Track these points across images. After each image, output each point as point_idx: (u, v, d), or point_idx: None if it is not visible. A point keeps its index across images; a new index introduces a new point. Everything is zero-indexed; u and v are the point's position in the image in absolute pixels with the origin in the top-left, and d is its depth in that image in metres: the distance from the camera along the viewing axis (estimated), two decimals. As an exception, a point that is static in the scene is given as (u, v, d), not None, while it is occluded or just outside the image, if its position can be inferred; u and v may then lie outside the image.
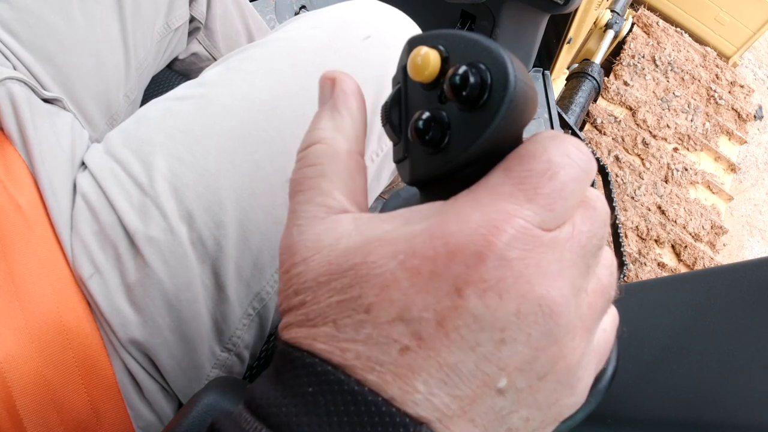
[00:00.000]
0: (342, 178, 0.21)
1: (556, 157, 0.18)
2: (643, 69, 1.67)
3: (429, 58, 0.20)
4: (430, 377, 0.16)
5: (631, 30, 1.71)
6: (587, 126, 1.57)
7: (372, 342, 0.17)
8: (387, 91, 0.38)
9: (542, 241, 0.17)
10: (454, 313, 0.16)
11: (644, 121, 1.57)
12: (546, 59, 1.25)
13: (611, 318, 0.21)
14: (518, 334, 0.16)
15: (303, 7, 1.14)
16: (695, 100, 1.65)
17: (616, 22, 1.53)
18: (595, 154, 1.38)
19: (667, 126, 1.58)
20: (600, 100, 1.59)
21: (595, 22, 1.52)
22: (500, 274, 0.16)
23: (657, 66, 1.68)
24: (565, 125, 1.26)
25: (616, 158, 1.51)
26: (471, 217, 0.17)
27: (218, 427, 0.18)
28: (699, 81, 1.68)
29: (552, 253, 0.17)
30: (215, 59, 0.68)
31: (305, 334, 0.18)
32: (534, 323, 0.16)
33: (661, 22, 1.77)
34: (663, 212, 1.46)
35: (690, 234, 1.44)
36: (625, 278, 1.28)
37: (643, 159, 1.53)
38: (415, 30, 0.46)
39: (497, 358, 0.16)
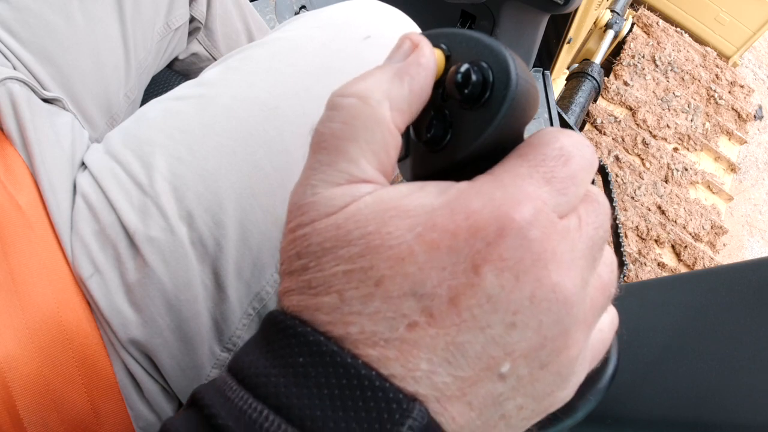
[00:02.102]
0: (374, 149, 0.18)
1: (568, 145, 0.18)
2: (643, 69, 1.66)
3: None
4: (434, 355, 0.16)
5: (631, 30, 1.71)
6: (587, 126, 1.56)
7: (379, 316, 0.16)
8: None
9: (556, 228, 0.17)
10: (468, 291, 0.16)
11: (644, 121, 1.57)
12: (546, 59, 1.25)
13: (610, 318, 0.21)
14: (530, 320, 0.16)
15: (303, 7, 1.14)
16: (695, 100, 1.65)
17: (616, 22, 1.53)
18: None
19: (667, 126, 1.58)
20: (600, 100, 1.59)
21: (595, 22, 1.51)
22: (519, 255, 0.16)
23: (657, 66, 1.68)
24: (565, 125, 1.26)
25: (616, 158, 1.51)
26: (494, 195, 0.17)
27: (200, 396, 0.17)
28: (699, 81, 1.68)
29: (565, 241, 0.17)
30: (215, 59, 0.68)
31: (307, 303, 0.17)
32: (547, 310, 0.16)
33: (661, 22, 1.77)
34: (663, 212, 1.46)
35: (690, 234, 1.44)
36: (625, 278, 1.28)
37: (643, 159, 1.53)
38: (415, 30, 0.45)
39: (505, 342, 0.16)
